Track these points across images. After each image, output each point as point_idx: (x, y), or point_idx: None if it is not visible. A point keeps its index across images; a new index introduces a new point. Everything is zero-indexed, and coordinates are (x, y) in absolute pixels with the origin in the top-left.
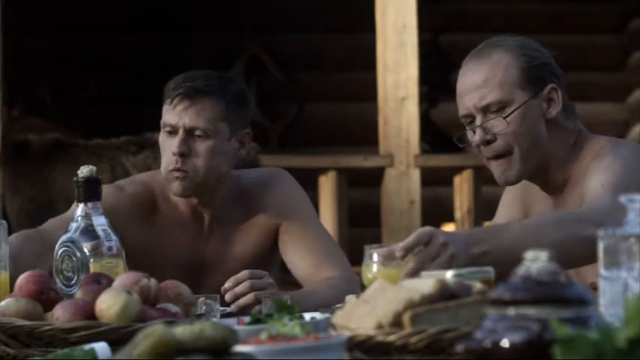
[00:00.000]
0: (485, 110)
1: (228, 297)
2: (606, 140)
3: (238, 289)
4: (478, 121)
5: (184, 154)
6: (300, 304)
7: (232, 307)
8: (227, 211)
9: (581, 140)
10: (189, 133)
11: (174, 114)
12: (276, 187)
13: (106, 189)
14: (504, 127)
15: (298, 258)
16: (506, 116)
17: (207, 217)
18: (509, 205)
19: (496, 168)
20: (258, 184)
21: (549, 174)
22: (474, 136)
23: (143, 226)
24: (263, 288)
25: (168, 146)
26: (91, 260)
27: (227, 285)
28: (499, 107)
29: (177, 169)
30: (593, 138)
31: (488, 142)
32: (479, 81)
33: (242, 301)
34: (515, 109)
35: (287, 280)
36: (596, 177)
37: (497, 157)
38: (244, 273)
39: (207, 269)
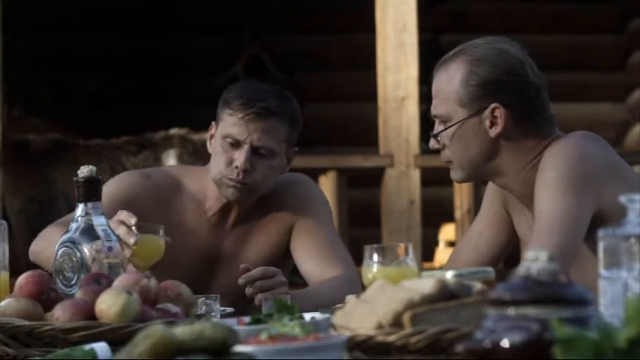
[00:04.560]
0: (436, 119)
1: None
2: (560, 140)
3: (248, 291)
4: (434, 128)
5: (248, 170)
6: (302, 303)
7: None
8: (249, 211)
9: (548, 150)
10: (254, 150)
11: (242, 129)
12: (294, 189)
13: (132, 175)
14: (448, 140)
15: (306, 257)
16: (443, 130)
17: (233, 215)
18: (490, 200)
19: (449, 168)
20: (279, 187)
21: (508, 186)
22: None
23: (165, 216)
24: (272, 288)
25: (228, 156)
26: (91, 260)
27: (240, 282)
28: (442, 121)
29: (238, 181)
30: (557, 142)
31: (439, 149)
32: (435, 90)
33: (256, 301)
34: (451, 126)
35: (295, 282)
36: (540, 194)
37: (447, 162)
38: (257, 271)
39: (223, 265)
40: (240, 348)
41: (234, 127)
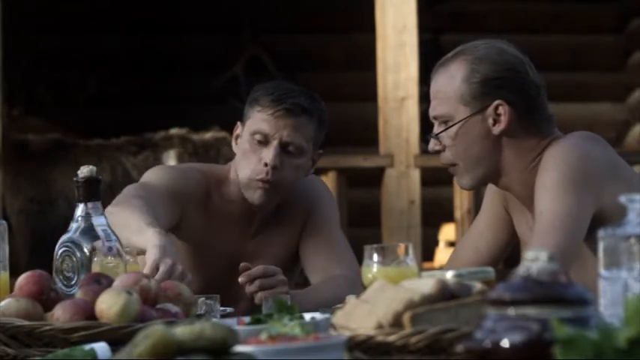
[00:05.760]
0: (436, 120)
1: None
2: (560, 141)
3: (248, 289)
4: (434, 129)
5: (277, 167)
6: (302, 302)
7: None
8: (271, 213)
9: (548, 150)
10: (283, 146)
11: (272, 125)
12: (307, 189)
13: (173, 170)
14: (450, 140)
15: (311, 254)
16: (444, 130)
17: (257, 219)
18: (490, 200)
19: (453, 174)
20: (293, 190)
21: (509, 186)
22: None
23: (199, 214)
24: (272, 287)
25: (257, 154)
26: (91, 260)
27: (240, 280)
28: (443, 121)
29: (267, 181)
30: (557, 142)
31: (439, 151)
32: (434, 91)
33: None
34: (454, 125)
35: (298, 282)
36: (541, 194)
37: (449, 165)
38: (257, 269)
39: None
40: (240, 348)
41: (263, 123)
